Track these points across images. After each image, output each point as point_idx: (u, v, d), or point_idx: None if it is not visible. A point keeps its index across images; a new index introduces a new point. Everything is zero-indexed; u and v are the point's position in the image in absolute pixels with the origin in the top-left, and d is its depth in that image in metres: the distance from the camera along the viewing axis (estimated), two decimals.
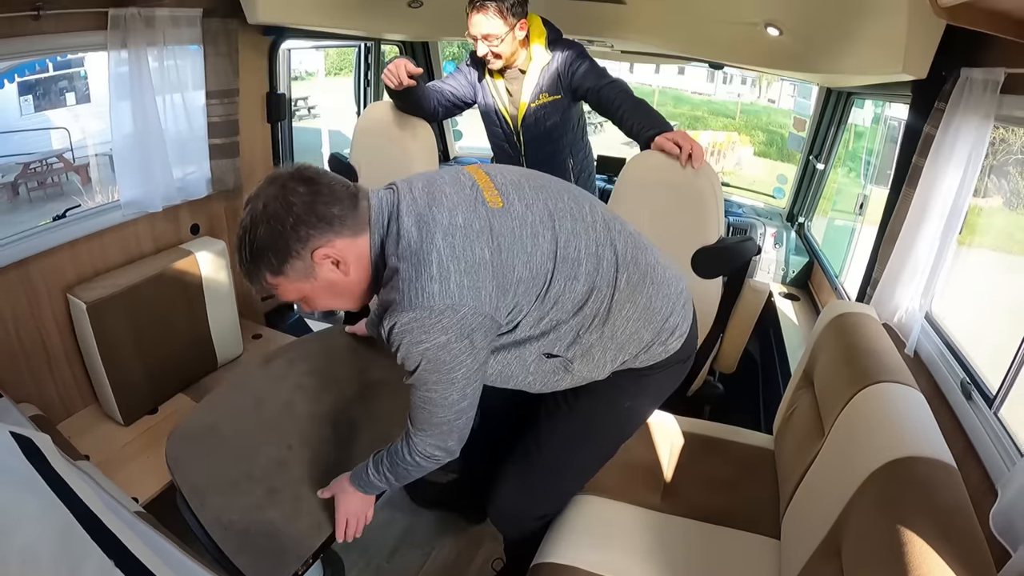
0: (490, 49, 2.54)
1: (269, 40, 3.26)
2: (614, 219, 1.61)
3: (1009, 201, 2.80)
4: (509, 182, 1.49)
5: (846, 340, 1.90)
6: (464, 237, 1.33)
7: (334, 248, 1.35)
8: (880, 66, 2.15)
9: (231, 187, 3.14)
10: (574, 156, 2.97)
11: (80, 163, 11.05)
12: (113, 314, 2.50)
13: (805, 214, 4.10)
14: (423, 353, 1.33)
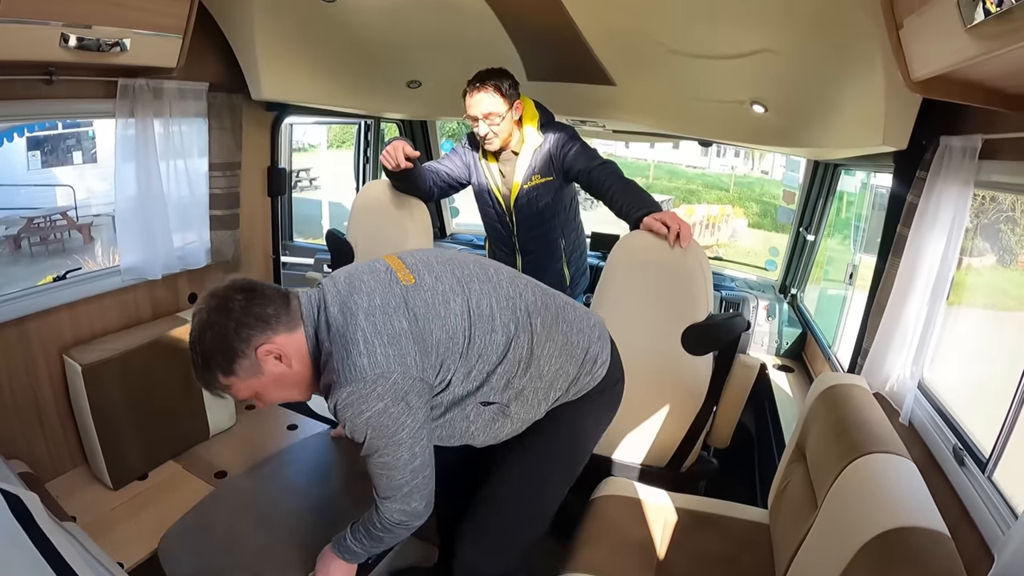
0: (490, 128, 2.61)
1: (272, 115, 3.35)
2: (518, 276, 1.79)
3: (1002, 259, 2.83)
4: (419, 261, 1.67)
5: (837, 412, 1.90)
6: (383, 314, 1.50)
7: (275, 344, 1.50)
8: (861, 139, 2.20)
9: (230, 258, 3.18)
10: (566, 236, 3.03)
11: (83, 222, 11.16)
12: (108, 378, 2.51)
13: (797, 285, 4.13)
14: (367, 422, 1.47)
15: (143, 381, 2.62)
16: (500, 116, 2.61)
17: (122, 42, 2.23)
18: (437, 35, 2.89)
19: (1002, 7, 1.07)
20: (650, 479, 2.47)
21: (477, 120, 2.62)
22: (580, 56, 2.78)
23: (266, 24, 2.75)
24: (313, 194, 12.82)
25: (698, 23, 2.29)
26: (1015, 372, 1.78)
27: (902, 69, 1.52)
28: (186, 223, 2.98)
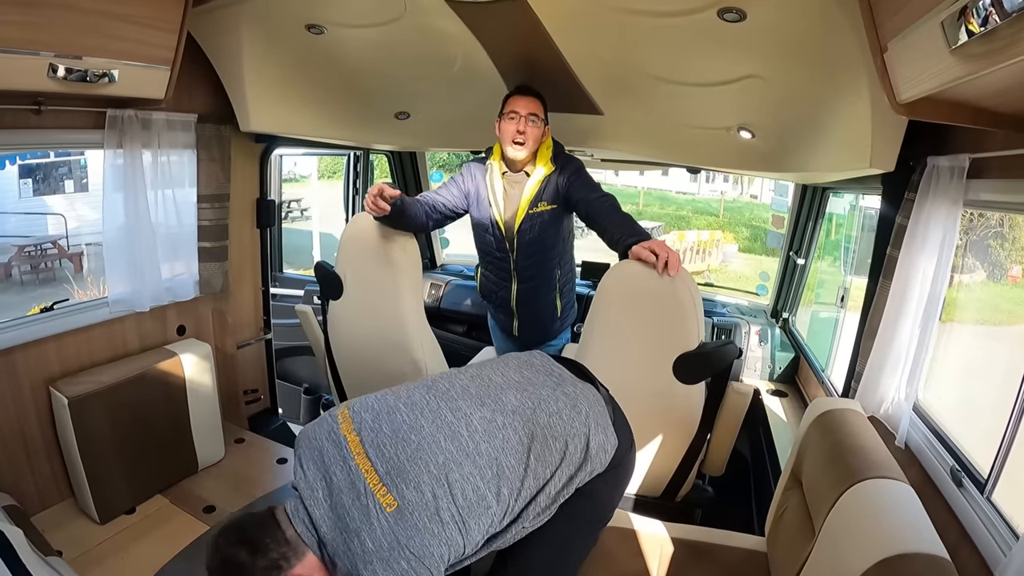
0: (528, 129, 2.68)
1: (261, 147, 3.37)
2: (495, 416, 1.64)
3: (992, 274, 2.84)
4: (391, 468, 1.51)
5: (832, 438, 1.88)
6: (379, 560, 1.41)
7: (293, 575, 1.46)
8: (849, 163, 2.20)
9: (218, 290, 3.19)
10: (561, 267, 3.05)
11: (74, 251, 11.17)
12: (94, 410, 2.49)
13: (789, 310, 4.14)
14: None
15: (130, 414, 2.61)
16: (539, 118, 2.70)
17: (111, 73, 2.24)
18: (425, 67, 2.90)
19: (986, 27, 1.07)
20: (645, 509, 2.45)
21: (519, 117, 2.69)
22: (567, 86, 2.79)
23: (254, 56, 2.77)
24: (304, 224, 12.82)
25: (684, 52, 2.30)
26: (1010, 388, 1.77)
27: (888, 92, 1.52)
28: (174, 254, 2.99)
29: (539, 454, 1.62)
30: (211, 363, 2.99)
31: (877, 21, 1.49)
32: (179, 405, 2.84)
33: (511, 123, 2.71)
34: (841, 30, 1.75)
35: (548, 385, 1.77)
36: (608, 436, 1.74)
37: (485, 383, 1.74)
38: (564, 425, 1.68)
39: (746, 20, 1.91)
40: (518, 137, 2.72)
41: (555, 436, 1.66)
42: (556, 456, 1.65)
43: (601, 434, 1.73)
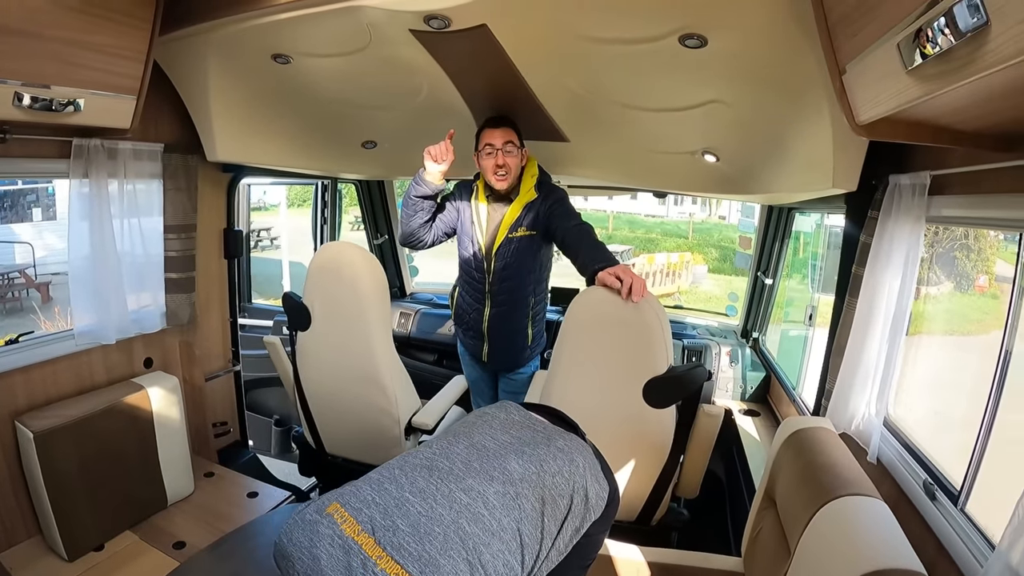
0: (506, 160, 2.75)
1: (228, 176, 3.35)
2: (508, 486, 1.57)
3: (959, 285, 2.88)
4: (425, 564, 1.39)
5: (803, 457, 1.89)
6: None
7: None
8: (811, 183, 2.24)
9: (186, 322, 3.15)
10: (536, 295, 3.07)
11: (42, 280, 10.94)
12: (61, 445, 2.44)
13: (758, 329, 4.18)
14: None
15: (98, 448, 2.55)
16: (516, 145, 2.78)
17: (76, 102, 2.21)
18: (391, 97, 2.90)
19: (939, 49, 1.09)
20: (620, 534, 2.43)
21: (496, 151, 2.76)
22: (533, 113, 2.81)
23: (221, 85, 2.76)
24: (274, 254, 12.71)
25: (647, 78, 2.32)
26: (980, 398, 1.79)
27: (847, 113, 1.54)
28: (141, 286, 2.95)
29: (551, 515, 1.58)
30: (179, 396, 2.94)
31: (835, 44, 1.52)
32: (147, 439, 2.78)
33: (489, 158, 2.78)
34: (801, 54, 1.78)
35: (541, 443, 1.72)
36: (602, 484, 1.72)
37: (483, 452, 1.67)
38: (567, 482, 1.64)
39: (707, 46, 1.93)
40: (499, 171, 2.79)
41: (561, 495, 1.62)
42: (563, 512, 1.61)
43: (596, 483, 1.71)
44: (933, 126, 1.56)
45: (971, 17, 0.99)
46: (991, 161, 1.65)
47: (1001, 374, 1.75)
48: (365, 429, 2.84)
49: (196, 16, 2.34)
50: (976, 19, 0.98)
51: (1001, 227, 1.91)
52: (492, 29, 2.06)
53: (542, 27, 2.08)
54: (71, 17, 2.07)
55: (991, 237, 2.86)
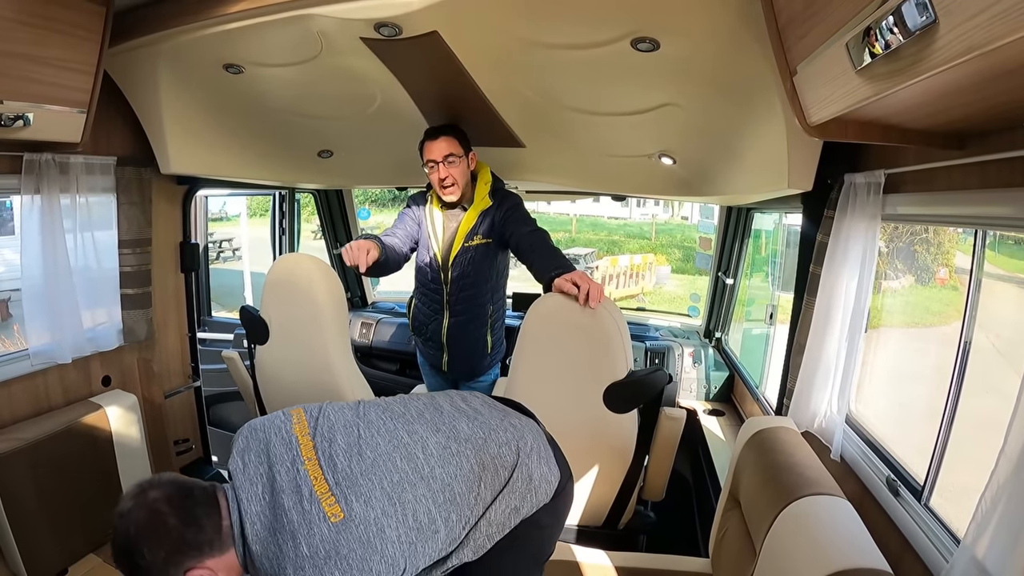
0: (450, 172, 2.72)
1: (183, 189, 3.30)
2: (449, 442, 1.64)
3: (920, 278, 2.91)
4: (342, 478, 1.49)
5: (766, 457, 1.90)
6: (313, 566, 1.37)
7: (206, 568, 1.40)
8: (767, 184, 2.25)
9: (143, 338, 3.09)
10: (494, 303, 3.06)
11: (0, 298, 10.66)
12: (18, 469, 2.38)
13: (721, 329, 4.20)
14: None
15: (56, 471, 2.49)
16: (458, 156, 2.74)
17: (25, 116, 2.17)
18: (344, 105, 2.87)
19: (887, 49, 1.09)
20: (588, 539, 2.43)
21: (437, 165, 2.73)
22: (488, 120, 2.80)
23: (173, 97, 2.71)
24: (237, 264, 12.52)
25: (601, 83, 2.32)
26: (943, 389, 1.81)
27: (798, 114, 1.54)
28: (96, 303, 2.89)
29: (489, 483, 1.62)
30: (138, 414, 2.90)
31: (785, 45, 1.52)
32: (107, 459, 2.73)
33: (433, 173, 2.76)
34: (752, 56, 1.79)
35: (495, 416, 1.77)
36: (551, 468, 1.74)
37: (438, 410, 1.75)
38: (511, 455, 1.68)
39: (659, 49, 1.93)
40: (445, 184, 2.76)
41: (504, 466, 1.66)
42: (501, 483, 1.64)
43: (544, 466, 1.73)
44: (883, 125, 1.57)
45: (919, 16, 0.98)
46: (943, 159, 1.67)
47: (961, 365, 1.76)
48: None
49: (146, 26, 2.30)
50: (924, 18, 0.97)
51: (955, 223, 1.93)
52: (443, 36, 2.04)
53: (493, 34, 2.06)
54: (18, 30, 2.01)
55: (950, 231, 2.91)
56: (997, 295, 1.80)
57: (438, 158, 2.73)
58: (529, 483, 1.68)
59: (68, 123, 2.33)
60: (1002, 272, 1.83)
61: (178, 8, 2.20)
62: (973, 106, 1.28)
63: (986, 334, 1.78)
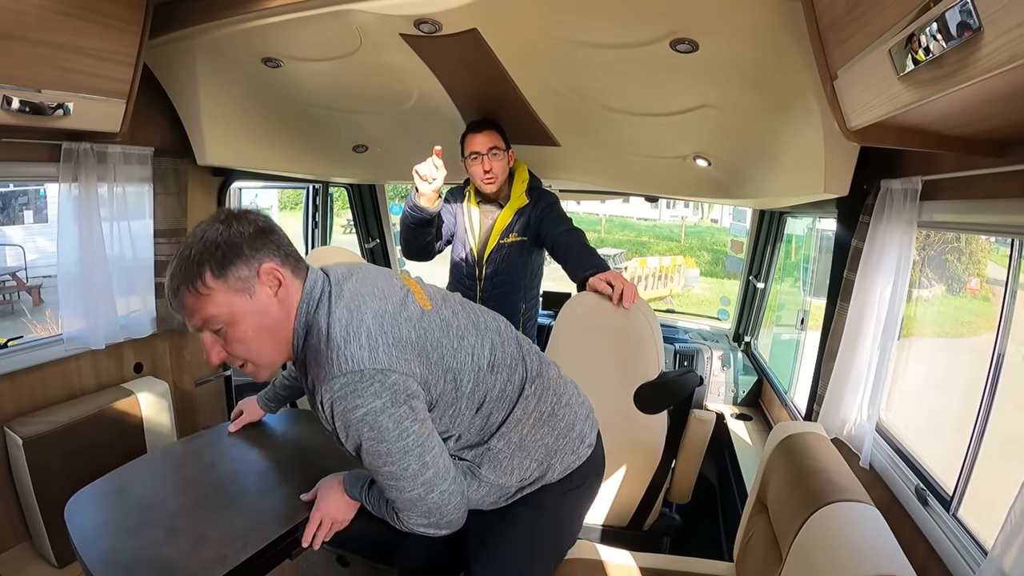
0: (493, 165, 2.72)
1: (219, 180, 3.33)
2: (524, 339, 1.76)
3: (950, 287, 2.88)
4: (436, 293, 1.62)
5: (795, 462, 1.88)
6: (392, 319, 1.40)
7: (280, 271, 1.39)
8: (803, 188, 2.24)
9: (176, 327, 3.12)
10: (527, 301, 3.05)
11: (33, 283, 10.85)
12: (49, 451, 2.43)
13: (750, 333, 4.18)
14: (362, 419, 1.34)
15: (87, 454, 2.52)
16: (501, 150, 2.74)
17: (66, 106, 2.20)
18: (381, 101, 2.89)
19: (930, 55, 1.08)
20: (612, 539, 2.43)
21: (481, 157, 2.73)
22: (524, 118, 2.81)
23: (211, 89, 2.74)
24: None
25: (638, 82, 2.32)
26: (972, 401, 1.79)
27: (838, 119, 1.54)
28: (131, 290, 2.93)
29: (538, 393, 1.68)
30: (169, 401, 2.94)
31: (826, 50, 1.51)
32: (136, 445, 2.77)
33: (476, 165, 2.76)
34: (792, 59, 1.78)
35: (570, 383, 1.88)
36: (591, 435, 1.81)
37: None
38: (568, 393, 1.79)
39: (698, 51, 1.93)
40: (487, 177, 2.76)
41: (556, 392, 1.75)
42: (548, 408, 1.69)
43: (588, 428, 1.81)
44: (923, 131, 1.56)
45: (964, 23, 0.98)
46: (982, 166, 1.65)
47: (993, 379, 1.75)
48: None
49: (186, 19, 2.33)
50: (969, 25, 0.97)
51: (992, 232, 1.91)
52: (483, 33, 2.05)
53: (533, 32, 2.07)
54: (60, 21, 2.05)
55: (982, 240, 2.86)
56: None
57: (483, 150, 2.73)
58: (572, 429, 1.73)
59: (108, 113, 2.37)
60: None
61: (218, 2, 2.22)
62: (1015, 114, 1.27)
63: (1018, 347, 1.76)
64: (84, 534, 1.66)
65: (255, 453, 2.13)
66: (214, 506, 1.77)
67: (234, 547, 1.58)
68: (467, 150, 2.78)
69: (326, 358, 1.35)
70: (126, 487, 1.88)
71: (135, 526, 1.67)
